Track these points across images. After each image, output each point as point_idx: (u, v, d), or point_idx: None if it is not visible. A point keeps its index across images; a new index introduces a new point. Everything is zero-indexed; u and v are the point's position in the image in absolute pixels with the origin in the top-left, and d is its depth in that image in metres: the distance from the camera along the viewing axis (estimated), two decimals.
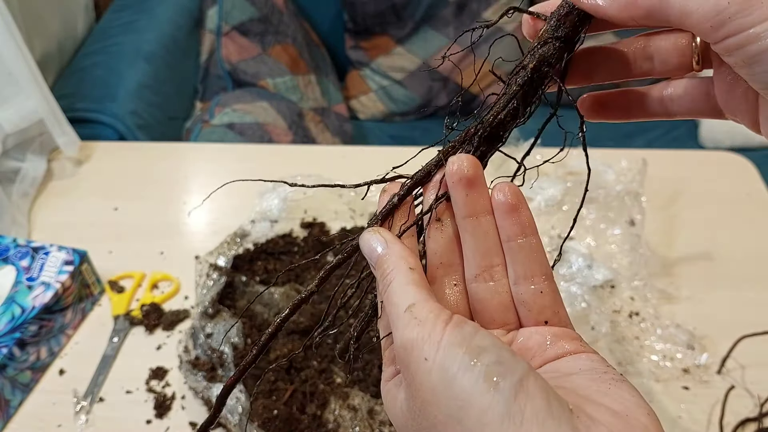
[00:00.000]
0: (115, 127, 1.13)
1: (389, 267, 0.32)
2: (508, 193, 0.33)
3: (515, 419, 0.25)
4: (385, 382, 0.33)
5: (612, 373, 0.30)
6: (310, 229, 0.87)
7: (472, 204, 0.33)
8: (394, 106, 1.65)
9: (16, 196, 0.92)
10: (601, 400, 0.28)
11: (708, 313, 0.79)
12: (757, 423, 0.68)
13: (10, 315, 0.71)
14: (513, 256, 0.34)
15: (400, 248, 0.32)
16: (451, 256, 0.34)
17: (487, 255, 0.34)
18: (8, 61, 0.90)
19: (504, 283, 0.34)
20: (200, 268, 0.77)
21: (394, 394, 0.32)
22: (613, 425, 0.26)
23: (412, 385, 0.29)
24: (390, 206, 0.35)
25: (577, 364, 0.31)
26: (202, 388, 0.68)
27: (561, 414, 0.26)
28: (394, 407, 0.31)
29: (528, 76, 0.34)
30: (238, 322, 0.70)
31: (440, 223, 0.35)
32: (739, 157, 1.03)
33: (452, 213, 0.34)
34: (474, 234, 0.34)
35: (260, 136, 1.26)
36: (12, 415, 0.70)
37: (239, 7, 1.45)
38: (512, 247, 0.33)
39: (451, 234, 0.35)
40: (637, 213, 0.86)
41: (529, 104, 0.35)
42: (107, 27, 1.36)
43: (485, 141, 0.35)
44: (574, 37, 0.34)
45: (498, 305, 0.34)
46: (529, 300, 0.33)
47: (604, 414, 0.27)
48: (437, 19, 1.57)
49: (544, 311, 0.34)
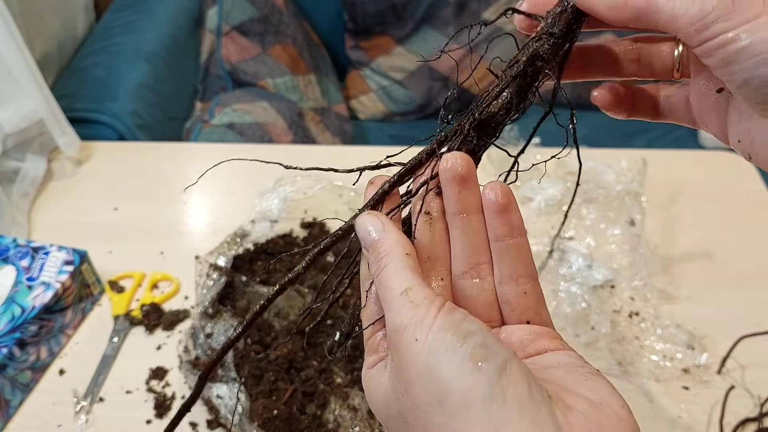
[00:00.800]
0: (115, 127, 1.13)
1: (385, 251, 0.32)
2: (499, 192, 0.34)
3: (497, 401, 0.27)
4: (367, 369, 0.34)
5: (588, 368, 0.31)
6: (310, 229, 0.87)
7: (464, 201, 0.34)
8: (394, 106, 1.65)
9: (16, 196, 0.92)
10: (577, 390, 0.29)
11: (708, 313, 0.79)
12: (757, 423, 0.68)
13: (10, 315, 0.71)
14: (500, 256, 0.34)
15: (396, 233, 0.33)
16: (438, 251, 0.35)
17: (476, 253, 0.35)
18: (8, 61, 0.90)
19: (490, 281, 0.35)
20: (200, 268, 0.77)
21: (377, 380, 0.32)
22: (588, 413, 0.28)
23: (399, 366, 0.30)
24: (381, 192, 0.35)
25: (556, 359, 0.32)
26: None
27: (540, 399, 0.27)
28: (376, 392, 0.32)
29: (521, 69, 0.35)
30: (238, 322, 0.70)
31: (429, 216, 0.35)
32: (739, 157, 1.03)
33: (441, 208, 0.35)
34: (464, 231, 0.34)
35: (260, 136, 1.26)
36: (12, 415, 0.70)
37: (239, 7, 1.45)
38: (500, 247, 0.34)
39: (439, 229, 0.35)
40: (637, 213, 0.86)
41: (524, 99, 0.36)
42: (107, 27, 1.36)
43: (477, 130, 0.36)
44: (569, 34, 0.35)
45: (483, 302, 0.35)
46: (512, 300, 0.34)
47: (580, 402, 0.28)
48: (437, 19, 1.57)
49: (527, 311, 0.34)
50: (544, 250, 0.85)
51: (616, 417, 0.28)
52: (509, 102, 0.35)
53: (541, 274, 0.81)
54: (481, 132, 0.36)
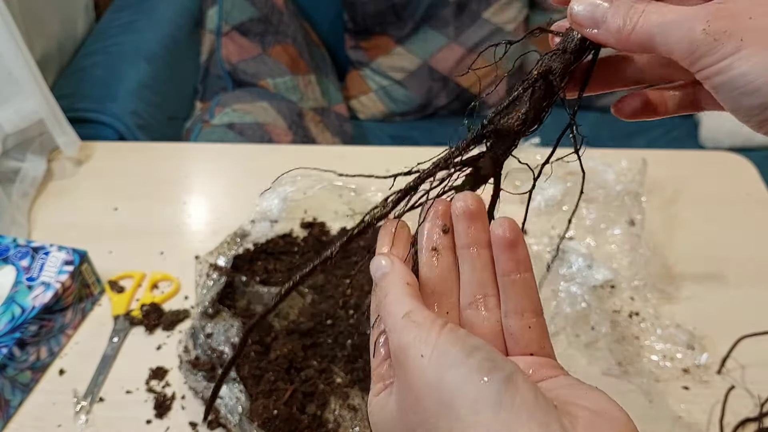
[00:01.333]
0: (115, 127, 1.13)
1: (388, 282, 0.34)
2: (507, 228, 0.35)
3: (505, 406, 0.28)
4: (373, 396, 0.35)
5: (588, 385, 0.33)
6: (310, 229, 0.87)
7: (473, 235, 0.36)
8: (394, 106, 1.65)
9: (16, 196, 0.92)
10: (579, 402, 0.30)
11: (708, 313, 0.79)
12: (757, 423, 0.68)
13: (10, 315, 0.71)
14: (506, 290, 0.36)
15: (400, 267, 0.35)
16: (444, 285, 0.37)
17: (483, 286, 0.36)
18: (8, 61, 0.90)
19: (496, 312, 0.36)
20: (200, 268, 0.77)
21: (383, 404, 0.34)
22: (591, 418, 0.29)
23: (406, 383, 0.31)
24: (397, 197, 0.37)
25: (558, 383, 0.34)
26: (202, 388, 0.68)
27: (547, 406, 0.28)
28: (382, 415, 0.33)
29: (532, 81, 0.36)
30: (238, 322, 0.70)
31: (436, 252, 0.37)
32: (739, 157, 1.03)
33: (448, 244, 0.37)
34: (472, 265, 0.36)
35: (260, 136, 1.26)
36: (12, 415, 0.70)
37: (239, 7, 1.45)
38: (506, 282, 0.36)
39: (447, 264, 0.37)
40: (637, 213, 0.86)
41: (540, 111, 0.37)
42: (107, 27, 1.36)
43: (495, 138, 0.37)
44: (581, 52, 0.37)
45: (488, 332, 0.36)
46: (517, 333, 0.36)
47: (583, 411, 0.30)
48: (437, 19, 1.57)
49: (531, 344, 0.36)
50: (544, 250, 0.85)
51: (617, 421, 0.30)
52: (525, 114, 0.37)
53: (541, 275, 0.81)
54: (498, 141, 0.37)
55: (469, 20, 1.56)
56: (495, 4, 1.54)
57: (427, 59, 1.59)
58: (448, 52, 1.58)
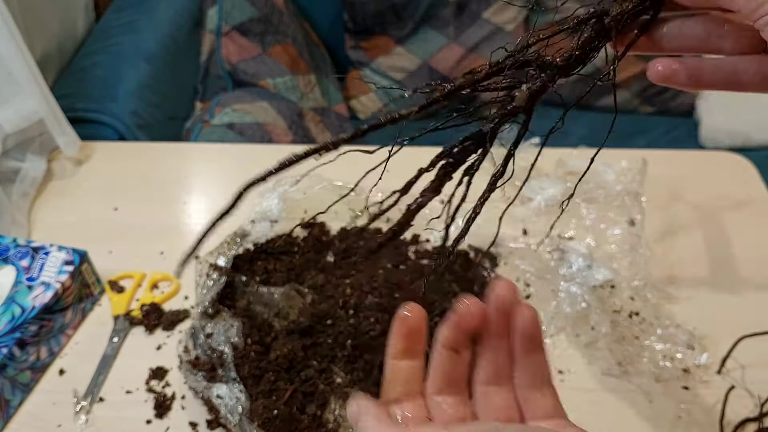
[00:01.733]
0: (115, 127, 1.13)
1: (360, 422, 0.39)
2: (527, 318, 0.37)
3: None
4: None
5: None
6: (310, 229, 0.87)
7: (501, 326, 0.38)
8: (394, 106, 1.65)
9: (16, 196, 0.92)
10: None
11: (708, 313, 0.79)
12: (757, 423, 0.68)
13: (10, 315, 0.71)
14: (521, 368, 0.38)
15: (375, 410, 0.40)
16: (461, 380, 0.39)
17: (502, 368, 0.39)
18: (8, 61, 0.90)
19: (510, 388, 0.39)
20: (200, 268, 0.77)
21: None
22: None
23: None
24: None
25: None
26: (202, 388, 0.68)
27: None
28: None
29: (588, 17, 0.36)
30: (238, 322, 0.70)
31: (456, 353, 0.38)
32: (739, 157, 1.03)
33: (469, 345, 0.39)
34: (496, 352, 0.38)
35: (260, 136, 1.26)
36: (12, 415, 0.70)
37: (239, 7, 1.45)
38: (521, 360, 0.38)
39: (466, 362, 0.39)
40: (637, 213, 0.86)
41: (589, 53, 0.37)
42: (107, 27, 1.36)
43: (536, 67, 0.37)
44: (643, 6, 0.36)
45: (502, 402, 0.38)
46: (530, 400, 0.38)
47: None
48: (437, 19, 1.57)
49: (545, 408, 0.38)
50: (543, 250, 0.85)
51: None
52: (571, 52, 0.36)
53: (542, 275, 0.81)
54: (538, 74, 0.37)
55: (469, 20, 1.56)
56: (495, 4, 1.54)
57: (427, 59, 1.59)
58: (448, 52, 1.58)
